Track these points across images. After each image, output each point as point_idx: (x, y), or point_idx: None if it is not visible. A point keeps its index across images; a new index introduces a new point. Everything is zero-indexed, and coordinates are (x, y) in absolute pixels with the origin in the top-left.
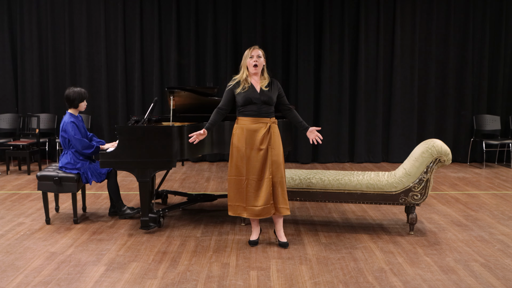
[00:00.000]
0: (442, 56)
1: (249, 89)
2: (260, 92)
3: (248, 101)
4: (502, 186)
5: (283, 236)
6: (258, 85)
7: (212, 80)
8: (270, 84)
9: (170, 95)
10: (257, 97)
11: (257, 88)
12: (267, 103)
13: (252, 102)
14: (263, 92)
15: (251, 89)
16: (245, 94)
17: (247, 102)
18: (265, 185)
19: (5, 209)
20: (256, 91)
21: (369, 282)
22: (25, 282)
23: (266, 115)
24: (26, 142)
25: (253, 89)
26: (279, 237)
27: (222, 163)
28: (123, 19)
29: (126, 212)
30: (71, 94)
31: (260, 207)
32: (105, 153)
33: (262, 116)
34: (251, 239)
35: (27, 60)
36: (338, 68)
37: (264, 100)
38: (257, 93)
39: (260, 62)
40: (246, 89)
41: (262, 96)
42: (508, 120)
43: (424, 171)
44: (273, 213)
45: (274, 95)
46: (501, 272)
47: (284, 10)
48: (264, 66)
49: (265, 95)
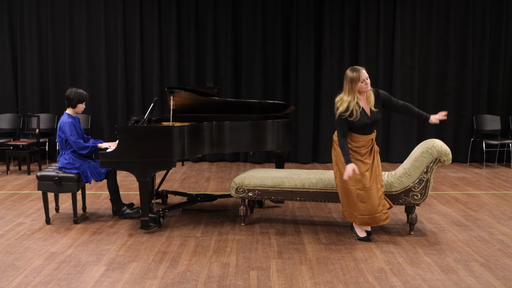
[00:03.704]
0: (442, 56)
1: (361, 115)
2: (371, 114)
3: (363, 126)
4: (502, 186)
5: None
6: (367, 106)
7: (212, 80)
8: (376, 100)
9: (170, 95)
10: (368, 122)
11: (367, 110)
12: (375, 123)
13: (366, 126)
14: (373, 113)
15: (363, 114)
16: (359, 120)
17: (362, 127)
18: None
19: (5, 209)
20: (367, 114)
21: (369, 282)
22: (25, 282)
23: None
24: (26, 142)
25: (365, 112)
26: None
27: (222, 163)
28: (123, 19)
29: (126, 212)
30: (72, 94)
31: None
32: (105, 153)
33: (371, 133)
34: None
35: (27, 60)
36: (338, 68)
37: (374, 121)
38: (368, 116)
39: (369, 83)
40: (358, 117)
41: (373, 118)
42: (508, 120)
43: (424, 171)
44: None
45: (380, 112)
46: (501, 272)
47: (284, 10)
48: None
49: (375, 116)
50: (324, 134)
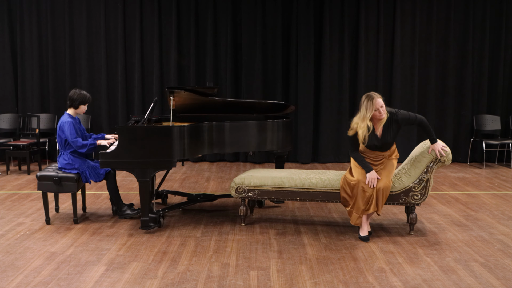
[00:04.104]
0: (442, 56)
1: (371, 138)
2: (382, 137)
3: (372, 146)
4: (502, 186)
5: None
6: (380, 129)
7: (212, 80)
8: (389, 124)
9: (170, 95)
10: (377, 144)
11: (379, 133)
12: (385, 146)
13: (375, 147)
14: (384, 137)
15: (372, 137)
16: (368, 142)
17: (371, 147)
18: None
19: (5, 209)
20: (378, 137)
21: (369, 282)
22: (25, 282)
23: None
24: (26, 142)
25: (375, 136)
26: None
27: (222, 163)
28: (123, 19)
29: (126, 212)
30: (75, 94)
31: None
32: (105, 153)
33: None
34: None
35: (27, 60)
36: (338, 68)
37: (384, 144)
38: (378, 139)
39: (384, 111)
40: (366, 142)
41: (383, 141)
42: (508, 120)
43: (424, 171)
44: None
45: (392, 136)
46: (501, 272)
47: (284, 10)
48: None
49: (385, 139)
50: (324, 134)
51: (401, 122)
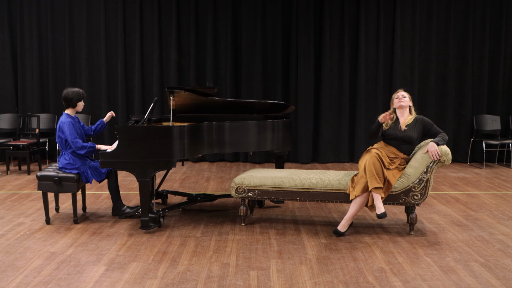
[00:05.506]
0: (442, 56)
1: (393, 126)
2: (404, 130)
3: (393, 137)
4: (502, 186)
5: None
6: (404, 123)
7: (212, 80)
8: (413, 123)
9: (170, 95)
10: (399, 135)
11: (402, 125)
12: (406, 141)
13: (395, 138)
14: (406, 131)
15: (395, 126)
16: (390, 129)
17: (391, 137)
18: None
19: (5, 209)
20: (400, 129)
21: (369, 282)
22: (25, 282)
23: (404, 152)
24: (26, 142)
25: (398, 126)
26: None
27: (222, 163)
28: (123, 19)
29: (126, 211)
30: (70, 93)
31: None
32: (105, 153)
33: (401, 150)
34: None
35: (27, 60)
36: (338, 68)
37: (405, 137)
38: (400, 130)
39: (406, 101)
40: (388, 127)
41: (404, 134)
42: (508, 120)
43: (424, 171)
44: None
45: (416, 134)
46: (501, 272)
47: (284, 10)
48: (410, 106)
49: (407, 133)
50: (324, 134)
51: (424, 127)
